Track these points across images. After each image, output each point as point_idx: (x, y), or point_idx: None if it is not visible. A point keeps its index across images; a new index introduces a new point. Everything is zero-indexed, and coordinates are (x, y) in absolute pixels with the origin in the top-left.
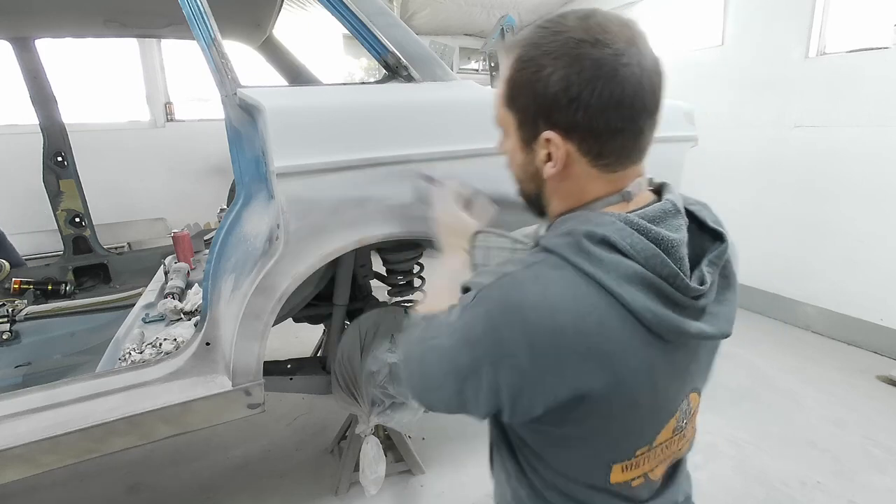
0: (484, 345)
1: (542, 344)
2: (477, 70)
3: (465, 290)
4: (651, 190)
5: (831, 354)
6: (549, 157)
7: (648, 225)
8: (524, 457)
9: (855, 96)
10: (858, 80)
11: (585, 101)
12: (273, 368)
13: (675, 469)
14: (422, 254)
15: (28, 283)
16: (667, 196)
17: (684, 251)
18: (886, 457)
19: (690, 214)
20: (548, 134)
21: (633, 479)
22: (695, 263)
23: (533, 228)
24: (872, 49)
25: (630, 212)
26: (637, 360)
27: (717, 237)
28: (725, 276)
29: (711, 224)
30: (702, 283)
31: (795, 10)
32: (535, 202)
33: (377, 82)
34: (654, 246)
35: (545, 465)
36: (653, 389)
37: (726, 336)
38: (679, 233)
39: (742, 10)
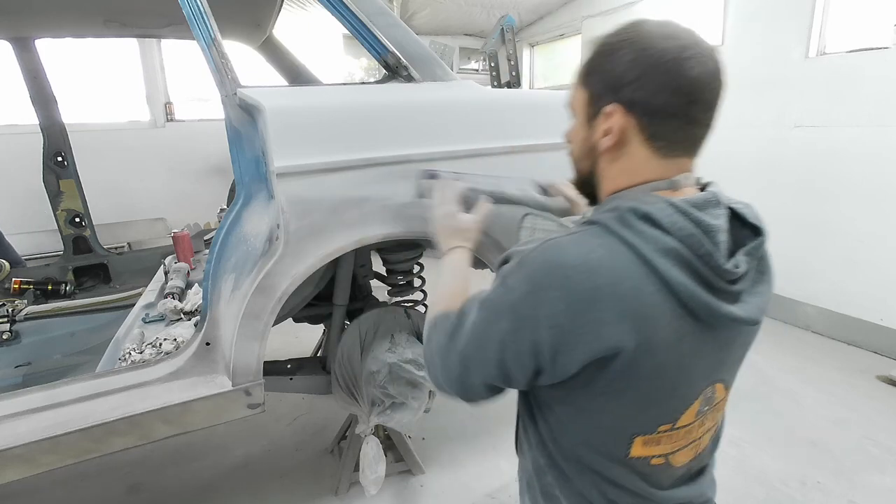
0: (526, 305)
1: (580, 302)
2: (477, 70)
3: (504, 261)
4: (698, 189)
5: (831, 354)
6: (605, 133)
7: (690, 208)
8: (547, 427)
9: (855, 96)
10: (858, 80)
11: (647, 80)
12: (273, 368)
13: (701, 470)
14: (422, 254)
15: (28, 283)
16: (710, 188)
17: (722, 238)
18: (886, 457)
19: (734, 211)
20: (610, 107)
21: (653, 458)
22: (733, 254)
23: (578, 218)
24: (872, 49)
25: None
26: (667, 331)
27: (757, 232)
28: (762, 270)
29: (752, 220)
30: (736, 268)
31: (795, 10)
32: (587, 183)
33: (377, 82)
34: (693, 226)
35: (567, 434)
36: (679, 363)
37: (755, 323)
38: (718, 220)
39: (742, 10)
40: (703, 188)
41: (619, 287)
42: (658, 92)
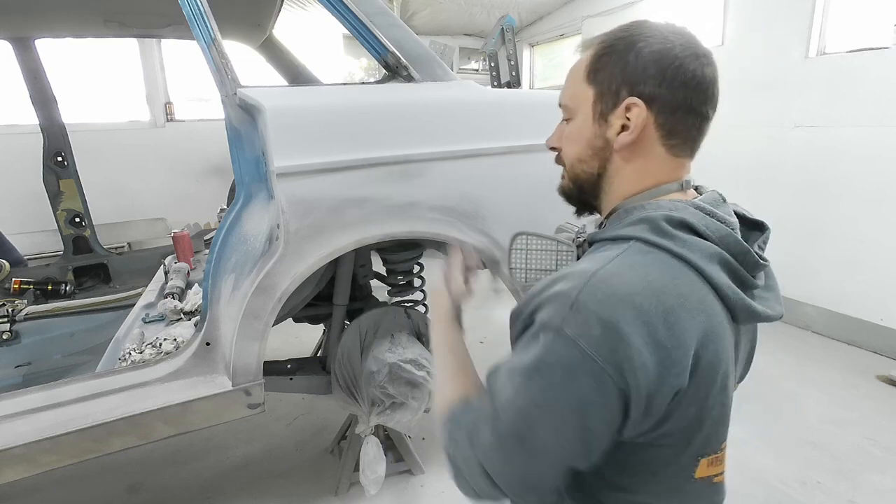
0: (604, 351)
1: (658, 330)
2: (477, 70)
3: (518, 315)
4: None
5: (831, 354)
6: (623, 128)
7: (713, 209)
8: (594, 476)
9: (855, 96)
10: (858, 80)
11: (671, 75)
12: (273, 368)
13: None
14: (422, 254)
15: (28, 283)
16: (709, 189)
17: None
18: (886, 457)
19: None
20: (632, 100)
21: (716, 476)
22: None
23: (566, 234)
24: (872, 49)
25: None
26: (727, 340)
27: (759, 227)
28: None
29: (750, 216)
30: (765, 262)
31: (795, 10)
32: (589, 188)
33: (377, 82)
34: (724, 226)
35: (625, 475)
36: (733, 372)
37: (781, 317)
38: (733, 218)
39: (742, 10)
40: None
41: (686, 303)
42: (681, 87)
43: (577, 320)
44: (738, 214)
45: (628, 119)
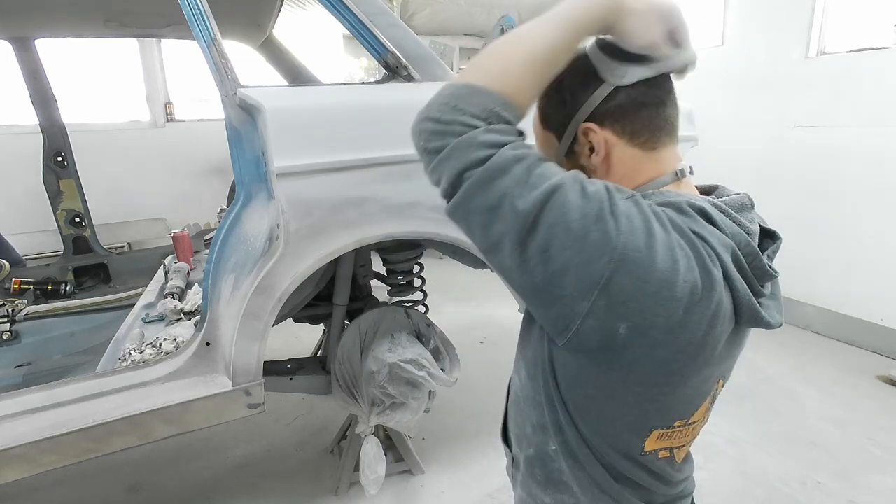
0: (638, 227)
1: (710, 269)
2: None
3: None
4: (701, 191)
5: (831, 354)
6: (591, 151)
7: (730, 211)
8: (572, 408)
9: (855, 96)
10: (858, 80)
11: (596, 90)
12: (273, 368)
13: (688, 461)
14: (422, 254)
15: (28, 283)
16: (735, 192)
17: (756, 242)
18: (886, 457)
19: None
20: (585, 125)
21: (661, 450)
22: None
23: None
24: (872, 49)
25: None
26: (723, 327)
27: (771, 236)
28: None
29: (766, 225)
30: (774, 270)
31: (795, 10)
32: None
33: (377, 82)
34: (737, 226)
35: (588, 421)
36: (711, 361)
37: (780, 326)
38: (754, 225)
39: (742, 10)
40: (705, 191)
41: (691, 275)
42: (613, 94)
43: (629, 203)
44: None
45: (591, 142)
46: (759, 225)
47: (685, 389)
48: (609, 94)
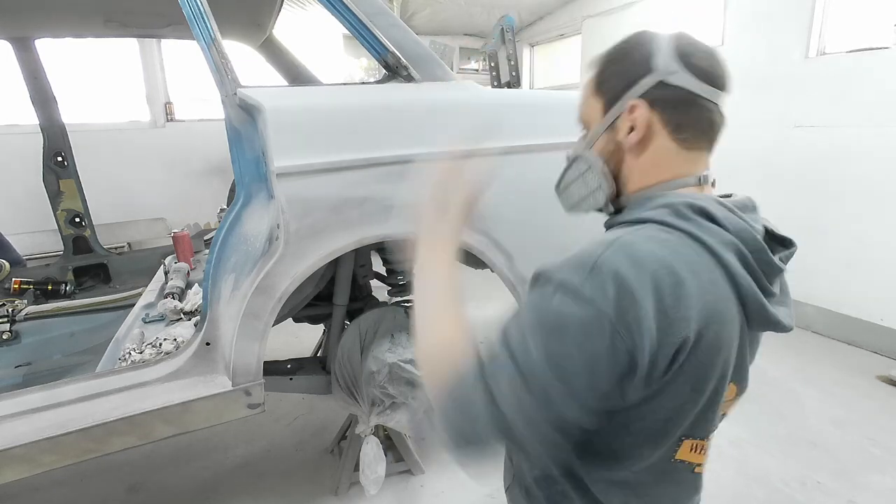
0: (618, 311)
1: (666, 299)
2: (477, 70)
3: (538, 277)
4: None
5: (831, 354)
6: (631, 129)
7: (736, 209)
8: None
9: (855, 96)
10: (858, 80)
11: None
12: (273, 368)
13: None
14: None
15: (28, 283)
16: (744, 194)
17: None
18: (886, 457)
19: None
20: (633, 101)
21: (696, 466)
22: None
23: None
24: (872, 49)
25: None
26: (732, 328)
27: (785, 243)
28: (783, 283)
29: (778, 232)
30: (782, 265)
31: (795, 10)
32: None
33: (377, 82)
34: (743, 223)
35: (613, 446)
36: (732, 365)
37: (790, 329)
38: (758, 224)
39: (742, 10)
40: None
41: (698, 279)
42: (670, 83)
43: (595, 282)
44: (768, 230)
45: (634, 120)
46: (773, 231)
47: (714, 395)
48: (666, 82)
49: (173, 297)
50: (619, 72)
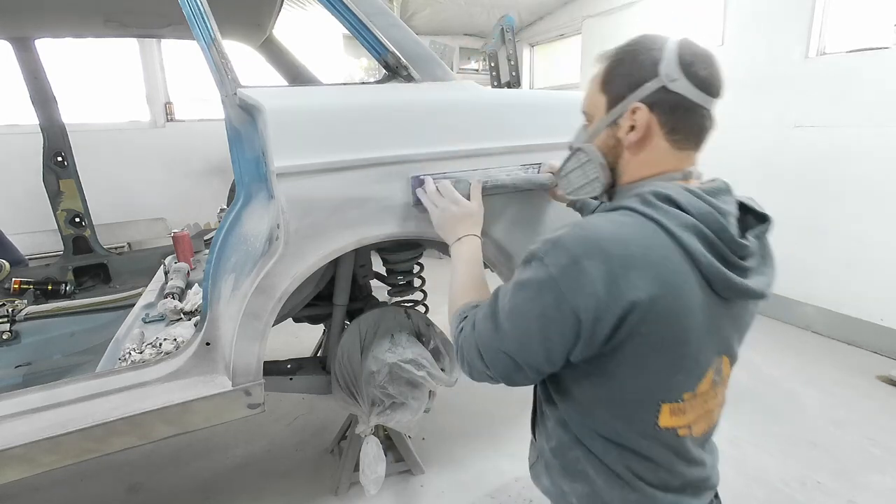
0: (568, 277)
1: (616, 270)
2: (477, 70)
3: (531, 255)
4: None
5: (831, 354)
6: (631, 128)
7: (704, 194)
8: (572, 406)
9: (855, 96)
10: (858, 80)
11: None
12: (273, 368)
13: (710, 444)
14: (422, 254)
15: (28, 283)
16: (720, 178)
17: (733, 221)
18: (886, 457)
19: (741, 203)
20: (636, 104)
21: (680, 428)
22: (742, 236)
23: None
24: (872, 49)
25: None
26: (692, 298)
27: (762, 219)
28: (765, 255)
29: (757, 208)
30: (746, 243)
31: (795, 10)
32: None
33: (377, 82)
34: (707, 206)
35: (595, 411)
36: (699, 331)
37: (764, 296)
38: (728, 206)
39: (742, 10)
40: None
41: (650, 253)
42: (671, 91)
43: (554, 253)
44: (745, 206)
45: (634, 121)
46: (753, 208)
47: (679, 361)
48: (668, 88)
49: (173, 297)
50: (625, 73)
